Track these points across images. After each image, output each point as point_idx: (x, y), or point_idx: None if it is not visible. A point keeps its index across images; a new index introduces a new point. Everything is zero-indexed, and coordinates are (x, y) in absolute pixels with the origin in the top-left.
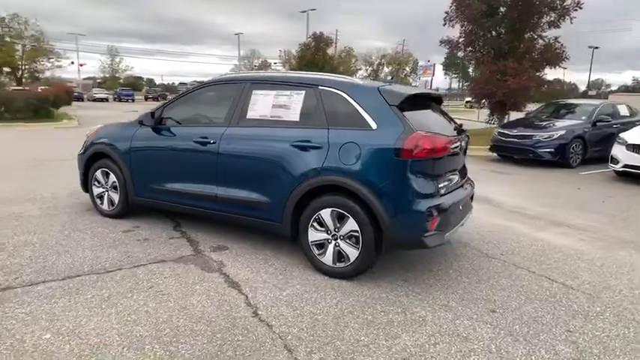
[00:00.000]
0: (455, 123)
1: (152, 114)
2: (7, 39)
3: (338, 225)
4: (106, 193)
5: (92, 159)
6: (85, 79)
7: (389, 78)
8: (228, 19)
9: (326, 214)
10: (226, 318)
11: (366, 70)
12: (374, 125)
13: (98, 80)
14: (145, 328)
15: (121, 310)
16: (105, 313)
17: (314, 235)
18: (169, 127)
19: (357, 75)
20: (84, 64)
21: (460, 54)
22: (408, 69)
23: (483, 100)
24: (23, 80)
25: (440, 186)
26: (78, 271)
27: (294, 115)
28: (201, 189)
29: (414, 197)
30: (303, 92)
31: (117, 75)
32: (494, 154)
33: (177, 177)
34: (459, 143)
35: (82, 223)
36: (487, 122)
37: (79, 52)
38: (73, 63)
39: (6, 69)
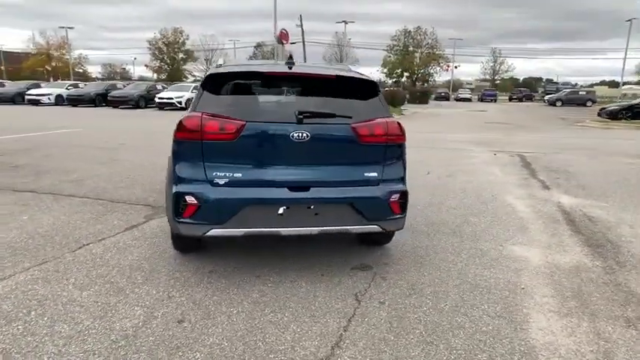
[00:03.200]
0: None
1: None
2: (410, 48)
3: None
4: None
5: None
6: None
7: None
8: None
9: None
10: None
11: None
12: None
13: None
14: None
15: None
16: None
17: None
18: None
19: None
20: (458, 65)
21: None
22: None
23: None
24: (417, 84)
25: (218, 173)
26: None
27: None
28: None
29: (171, 179)
30: None
31: (496, 77)
32: None
33: None
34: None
35: None
36: None
37: (454, 55)
38: (448, 67)
39: (406, 74)
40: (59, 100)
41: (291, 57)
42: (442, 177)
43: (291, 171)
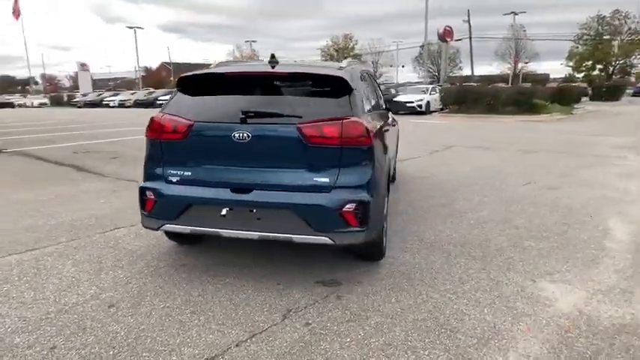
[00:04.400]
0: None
1: None
2: (606, 36)
3: None
4: None
5: None
6: None
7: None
8: None
9: None
10: None
11: None
12: None
13: None
14: None
15: None
16: None
17: None
18: None
19: None
20: None
21: None
22: None
23: None
24: (613, 76)
25: (172, 171)
26: None
27: None
28: None
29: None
30: None
31: None
32: None
33: None
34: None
35: None
36: None
37: None
38: None
39: (599, 66)
40: None
41: (273, 56)
42: (541, 189)
43: (233, 172)
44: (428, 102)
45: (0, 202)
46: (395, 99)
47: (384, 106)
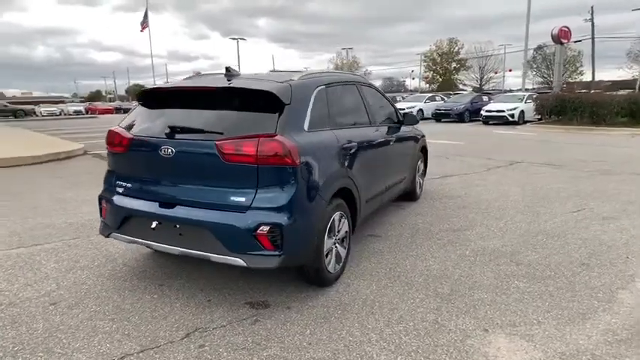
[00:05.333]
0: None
1: None
2: None
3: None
4: None
5: None
6: None
7: None
8: None
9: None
10: None
11: None
12: None
13: None
14: None
15: None
16: None
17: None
18: None
19: None
20: None
21: None
22: None
23: None
24: None
25: (119, 182)
26: None
27: None
28: None
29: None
30: None
31: None
32: None
33: None
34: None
35: None
36: None
37: None
38: None
39: None
40: None
41: (227, 69)
42: (591, 218)
43: (161, 187)
44: (522, 111)
45: (44, 199)
46: (485, 107)
47: (395, 120)
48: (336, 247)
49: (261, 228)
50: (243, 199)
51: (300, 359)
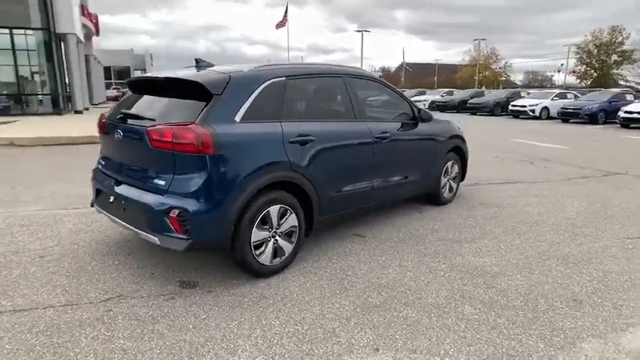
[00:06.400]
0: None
1: None
2: None
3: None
4: None
5: None
6: None
7: None
8: None
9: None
10: None
11: None
12: None
13: None
14: None
15: None
16: None
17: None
18: None
19: None
20: None
21: None
22: None
23: None
24: None
25: (100, 161)
26: None
27: None
28: None
29: None
30: None
31: None
32: None
33: None
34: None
35: None
36: None
37: None
38: None
39: None
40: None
41: (197, 61)
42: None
43: (116, 166)
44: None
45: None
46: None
47: (410, 116)
48: (275, 240)
49: (172, 211)
50: (162, 183)
51: (173, 338)
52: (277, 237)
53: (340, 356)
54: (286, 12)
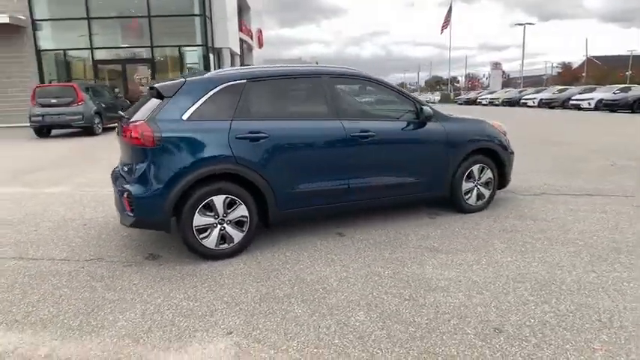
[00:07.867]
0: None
1: None
2: None
3: None
4: None
5: None
6: None
7: None
8: None
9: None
10: None
11: None
12: None
13: None
14: None
15: None
16: None
17: None
18: None
19: None
20: None
21: None
22: None
23: None
24: None
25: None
26: None
27: None
28: None
29: None
30: None
31: None
32: None
33: None
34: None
35: None
36: None
37: None
38: None
39: None
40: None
41: (189, 68)
42: None
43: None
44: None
45: None
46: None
47: (413, 116)
48: (222, 227)
49: (125, 193)
50: (129, 169)
51: (98, 294)
52: (225, 224)
53: (195, 331)
54: (449, 13)
